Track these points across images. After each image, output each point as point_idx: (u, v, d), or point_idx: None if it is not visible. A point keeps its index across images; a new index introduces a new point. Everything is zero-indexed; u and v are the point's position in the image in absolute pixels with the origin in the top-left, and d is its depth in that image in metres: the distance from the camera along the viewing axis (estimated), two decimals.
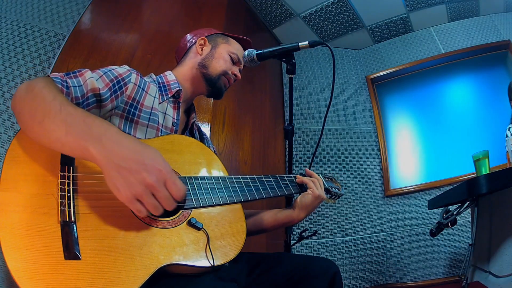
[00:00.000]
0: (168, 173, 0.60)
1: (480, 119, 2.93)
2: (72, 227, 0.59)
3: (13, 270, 0.53)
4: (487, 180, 1.32)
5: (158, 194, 0.58)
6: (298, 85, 3.28)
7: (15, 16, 1.80)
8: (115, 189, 0.57)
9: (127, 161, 0.57)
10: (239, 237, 0.78)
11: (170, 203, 0.60)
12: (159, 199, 0.59)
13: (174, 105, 0.98)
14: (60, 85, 0.72)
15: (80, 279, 0.55)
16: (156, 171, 0.58)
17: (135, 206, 0.57)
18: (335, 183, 1.22)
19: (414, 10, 3.07)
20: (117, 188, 0.56)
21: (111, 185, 0.57)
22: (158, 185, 0.58)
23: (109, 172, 0.56)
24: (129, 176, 0.56)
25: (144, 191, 0.57)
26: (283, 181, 0.99)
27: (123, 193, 0.56)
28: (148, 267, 0.61)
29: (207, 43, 1.08)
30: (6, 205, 0.57)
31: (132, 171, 0.56)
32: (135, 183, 0.56)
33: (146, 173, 0.57)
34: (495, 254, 1.53)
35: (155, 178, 0.57)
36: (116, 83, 0.84)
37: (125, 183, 0.56)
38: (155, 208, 0.58)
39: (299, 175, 1.05)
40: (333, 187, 1.16)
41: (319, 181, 1.03)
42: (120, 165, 0.56)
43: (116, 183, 0.56)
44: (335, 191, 1.15)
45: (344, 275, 2.74)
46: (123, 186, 0.56)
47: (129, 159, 0.57)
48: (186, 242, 0.69)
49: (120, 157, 0.57)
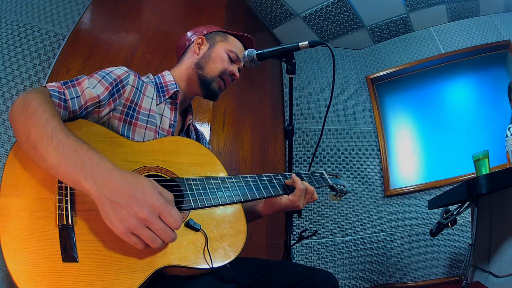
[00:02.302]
0: (162, 205, 0.59)
1: (480, 119, 2.93)
2: (70, 230, 0.60)
3: (14, 273, 0.54)
4: (487, 180, 1.32)
5: (153, 227, 0.58)
6: (298, 85, 3.27)
7: (15, 16, 1.80)
8: (109, 223, 0.57)
9: (119, 196, 0.57)
10: (239, 238, 0.76)
11: (167, 234, 0.59)
12: (155, 231, 0.58)
13: (171, 106, 0.97)
14: (57, 99, 0.72)
15: (77, 281, 0.56)
16: (148, 205, 0.57)
17: (131, 239, 0.57)
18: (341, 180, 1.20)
19: (414, 10, 3.06)
20: (111, 222, 0.57)
21: (106, 219, 0.57)
22: (151, 218, 0.57)
23: (103, 207, 0.57)
24: (121, 210, 0.56)
25: (137, 225, 0.57)
26: (284, 179, 0.98)
27: (118, 227, 0.56)
28: (145, 270, 0.61)
29: (204, 41, 1.06)
30: (7, 210, 0.59)
31: (124, 206, 0.57)
32: (128, 217, 0.56)
33: (138, 207, 0.57)
34: (495, 254, 1.53)
35: (147, 211, 0.57)
36: (115, 86, 0.83)
37: (119, 217, 0.56)
38: (152, 240, 0.58)
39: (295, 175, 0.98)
40: (338, 184, 1.14)
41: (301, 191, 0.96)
42: (112, 199, 0.57)
43: (110, 218, 0.57)
44: (340, 189, 1.14)
45: (344, 275, 2.74)
46: (116, 220, 0.56)
47: (121, 193, 0.57)
48: (184, 243, 0.68)
49: (112, 191, 0.57)
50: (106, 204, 0.57)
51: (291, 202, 0.96)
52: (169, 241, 0.60)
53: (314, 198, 1.01)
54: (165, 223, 0.59)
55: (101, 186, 0.57)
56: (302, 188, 0.96)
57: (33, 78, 1.72)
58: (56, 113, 0.67)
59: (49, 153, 0.59)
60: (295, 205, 0.97)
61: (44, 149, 0.59)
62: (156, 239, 0.58)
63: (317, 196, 1.02)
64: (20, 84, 1.68)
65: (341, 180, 1.20)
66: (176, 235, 0.61)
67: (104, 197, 0.57)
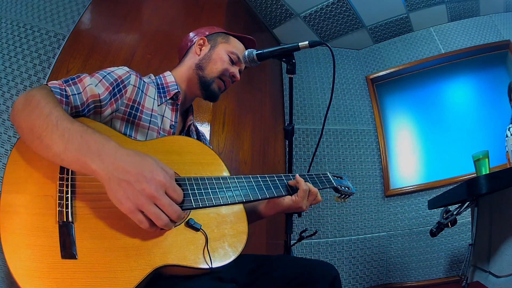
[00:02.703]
0: (168, 182, 0.61)
1: (480, 119, 2.93)
2: (69, 228, 0.60)
3: (13, 269, 0.55)
4: (487, 180, 1.32)
5: (159, 202, 0.59)
6: (298, 85, 3.27)
7: (15, 16, 1.80)
8: (117, 201, 0.58)
9: (127, 174, 0.59)
10: (240, 238, 0.76)
11: (173, 210, 0.61)
12: (161, 207, 0.60)
13: (172, 107, 0.97)
14: (59, 95, 0.72)
15: (76, 278, 0.57)
16: (155, 182, 0.60)
17: (137, 216, 0.59)
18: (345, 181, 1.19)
19: (414, 10, 3.07)
20: (119, 200, 0.58)
21: (113, 197, 0.58)
22: (158, 194, 0.59)
23: (110, 186, 0.58)
24: (130, 188, 0.58)
25: (145, 201, 0.58)
26: (288, 180, 0.97)
27: (125, 204, 0.58)
28: (144, 268, 0.62)
29: (206, 43, 1.06)
30: (8, 207, 0.60)
31: (132, 183, 0.58)
32: (136, 194, 0.58)
33: (146, 184, 0.59)
34: (495, 254, 1.53)
35: (154, 187, 0.59)
36: (116, 86, 0.83)
37: (126, 195, 0.58)
38: (157, 216, 0.59)
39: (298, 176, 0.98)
40: (342, 186, 1.13)
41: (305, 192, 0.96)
42: (120, 178, 0.58)
43: (118, 196, 0.58)
44: (345, 190, 1.13)
45: (344, 275, 2.74)
46: (124, 198, 0.58)
47: (128, 171, 0.59)
48: (183, 243, 0.68)
49: (119, 170, 0.59)
50: (114, 182, 0.58)
51: (294, 203, 0.96)
52: (175, 217, 0.61)
53: (317, 199, 1.00)
54: (170, 197, 0.61)
55: (108, 166, 0.58)
56: (306, 189, 0.95)
57: (33, 78, 1.72)
58: (59, 104, 0.68)
59: (55, 141, 0.60)
60: (298, 206, 0.96)
61: (49, 138, 0.60)
62: (161, 215, 0.60)
63: (321, 198, 1.01)
64: (20, 84, 1.68)
65: (345, 181, 1.19)
66: (182, 212, 0.63)
67: (112, 175, 0.58)
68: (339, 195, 1.16)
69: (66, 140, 0.59)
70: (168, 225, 0.61)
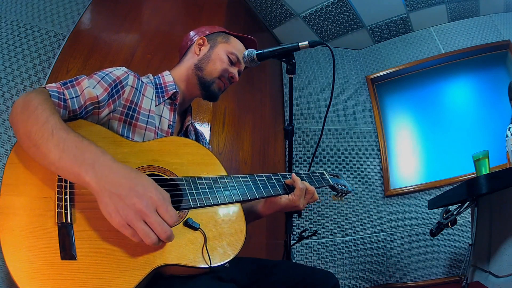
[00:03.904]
0: (159, 200, 0.60)
1: (480, 119, 2.93)
2: (69, 229, 0.60)
3: (13, 270, 0.55)
4: (487, 180, 1.32)
5: (149, 220, 0.58)
6: (298, 85, 3.27)
7: (15, 16, 1.80)
8: (107, 214, 0.58)
9: (119, 187, 0.58)
10: (238, 237, 0.76)
11: (162, 229, 0.58)
12: (150, 225, 0.58)
13: (170, 107, 0.97)
14: (56, 99, 0.72)
15: (75, 279, 0.57)
16: (146, 198, 0.58)
17: (127, 231, 0.58)
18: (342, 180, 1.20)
19: (414, 10, 3.06)
20: (109, 214, 0.57)
21: (103, 210, 0.58)
22: (148, 211, 0.58)
23: (102, 198, 0.58)
24: (120, 202, 0.57)
25: (134, 217, 0.57)
26: (284, 179, 0.97)
27: (115, 218, 0.57)
28: (143, 268, 0.62)
29: (205, 42, 1.05)
30: (8, 209, 0.60)
31: (123, 197, 0.57)
32: (126, 208, 0.57)
33: (136, 199, 0.57)
34: (495, 254, 1.53)
35: (145, 203, 0.58)
36: (114, 87, 0.83)
37: (116, 208, 0.57)
38: (146, 234, 0.57)
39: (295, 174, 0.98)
40: (339, 185, 1.14)
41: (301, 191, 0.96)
42: (112, 191, 0.57)
43: (108, 209, 0.57)
44: (342, 189, 1.14)
45: (344, 275, 2.74)
46: (114, 212, 0.57)
47: (121, 185, 0.58)
48: (182, 242, 0.68)
49: (112, 183, 0.58)
50: (105, 195, 0.57)
51: (291, 202, 0.96)
52: (164, 237, 0.59)
53: (314, 198, 1.00)
54: (162, 217, 0.59)
55: (101, 179, 0.58)
56: (302, 188, 0.95)
57: (33, 78, 1.72)
58: (56, 111, 0.67)
59: (50, 150, 0.59)
60: (295, 205, 0.96)
61: (45, 146, 0.60)
62: (150, 233, 0.58)
63: (317, 196, 1.01)
64: (20, 84, 1.68)
65: (342, 180, 1.19)
66: (172, 233, 0.61)
67: (104, 188, 0.57)
68: (336, 194, 1.16)
69: (61, 150, 0.59)
70: (155, 244, 0.59)
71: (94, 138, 0.73)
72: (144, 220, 0.58)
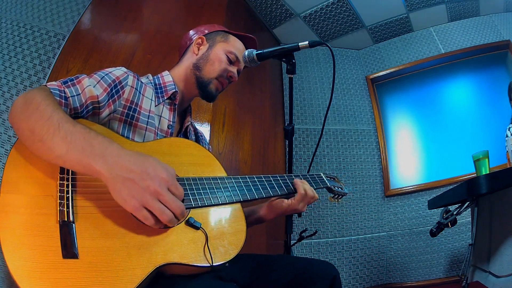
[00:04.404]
0: (170, 179, 0.63)
1: (480, 119, 2.93)
2: (70, 227, 0.60)
3: (13, 269, 0.54)
4: (487, 180, 1.32)
5: (163, 198, 0.61)
6: (298, 85, 3.28)
7: (15, 16, 1.80)
8: (121, 200, 0.59)
9: (131, 172, 0.60)
10: (239, 236, 0.77)
11: (176, 205, 0.62)
12: (165, 202, 0.61)
13: (170, 107, 0.96)
14: (58, 97, 0.72)
15: (77, 277, 0.57)
16: (158, 178, 0.61)
17: (142, 213, 0.60)
18: (338, 182, 1.21)
19: (414, 10, 3.07)
20: (124, 199, 0.59)
21: (118, 197, 0.59)
22: (162, 190, 0.61)
23: (115, 185, 0.59)
24: (134, 185, 0.59)
25: (150, 198, 0.60)
26: (283, 181, 0.97)
27: (130, 202, 0.59)
28: (146, 267, 0.62)
29: (204, 42, 1.04)
30: (8, 207, 0.59)
31: (136, 181, 0.60)
32: (141, 191, 0.59)
33: (150, 181, 0.60)
34: (495, 254, 1.53)
35: (158, 184, 0.61)
36: (114, 87, 0.83)
37: (131, 193, 0.59)
38: (162, 211, 0.60)
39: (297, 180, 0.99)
40: (336, 186, 1.14)
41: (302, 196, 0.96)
42: (125, 176, 0.59)
43: (122, 194, 0.59)
44: (338, 190, 1.14)
45: (344, 275, 2.74)
46: (129, 196, 0.59)
47: (132, 170, 0.60)
48: (184, 241, 0.69)
49: (123, 169, 0.60)
50: (118, 181, 0.59)
51: (291, 206, 0.97)
52: (179, 212, 0.62)
53: (314, 198, 1.00)
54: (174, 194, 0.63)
55: (112, 166, 0.60)
56: (303, 193, 0.96)
57: (33, 78, 1.72)
58: (59, 106, 0.68)
59: (57, 144, 0.60)
60: (294, 208, 0.97)
61: (51, 140, 0.60)
62: (165, 211, 0.61)
63: (317, 196, 1.02)
64: (20, 84, 1.68)
65: (339, 182, 1.21)
66: (184, 209, 0.64)
67: (116, 175, 0.59)
68: (332, 195, 1.17)
69: (69, 142, 0.60)
70: (172, 221, 0.62)
71: None
72: (159, 199, 0.61)
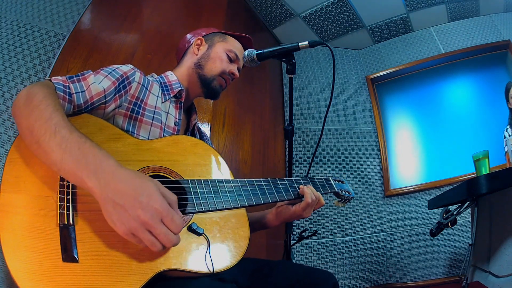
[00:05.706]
0: (164, 210, 0.57)
1: (480, 119, 2.93)
2: (70, 230, 0.59)
3: (13, 270, 0.54)
4: (487, 180, 1.33)
5: (154, 231, 0.57)
6: (298, 85, 3.27)
7: (15, 16, 1.80)
8: (111, 223, 0.56)
9: (122, 197, 0.56)
10: (241, 244, 0.76)
11: (168, 239, 0.57)
12: (156, 235, 0.57)
13: (176, 105, 0.98)
14: (62, 92, 0.72)
15: (77, 281, 0.56)
16: (151, 209, 0.56)
17: (132, 239, 0.57)
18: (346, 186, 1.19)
19: (414, 10, 3.06)
20: (113, 223, 0.56)
21: (108, 219, 0.57)
22: (153, 222, 0.56)
23: (105, 206, 0.56)
24: (124, 213, 0.56)
25: (139, 228, 0.56)
26: (291, 185, 0.96)
27: (120, 227, 0.56)
28: (146, 273, 0.61)
29: (203, 42, 1.07)
30: (7, 207, 0.58)
31: (127, 208, 0.55)
32: (130, 220, 0.55)
33: (140, 211, 0.56)
34: (495, 254, 1.53)
35: (149, 215, 0.56)
36: (121, 82, 0.84)
37: (121, 219, 0.56)
38: (152, 244, 0.57)
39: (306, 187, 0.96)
40: (343, 191, 1.13)
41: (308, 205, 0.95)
42: (115, 201, 0.56)
43: (112, 218, 0.56)
44: (346, 195, 1.13)
45: (344, 275, 2.74)
46: (119, 221, 0.56)
47: (124, 194, 0.56)
48: (185, 247, 0.68)
49: (115, 192, 0.56)
50: (109, 204, 0.56)
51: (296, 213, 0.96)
52: (170, 246, 0.59)
53: (320, 204, 0.99)
54: (167, 227, 0.58)
55: (104, 186, 0.56)
56: (309, 202, 0.94)
57: (33, 78, 1.72)
58: (60, 107, 0.66)
59: (52, 149, 0.58)
60: (299, 215, 0.96)
61: (47, 144, 0.58)
62: (156, 243, 0.57)
63: (324, 202, 1.00)
64: (20, 84, 1.68)
65: (346, 185, 1.19)
66: (178, 240, 0.59)
67: (107, 197, 0.56)
68: (339, 200, 1.15)
69: (63, 150, 0.58)
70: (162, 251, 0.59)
71: (98, 134, 0.72)
72: (149, 231, 0.57)
